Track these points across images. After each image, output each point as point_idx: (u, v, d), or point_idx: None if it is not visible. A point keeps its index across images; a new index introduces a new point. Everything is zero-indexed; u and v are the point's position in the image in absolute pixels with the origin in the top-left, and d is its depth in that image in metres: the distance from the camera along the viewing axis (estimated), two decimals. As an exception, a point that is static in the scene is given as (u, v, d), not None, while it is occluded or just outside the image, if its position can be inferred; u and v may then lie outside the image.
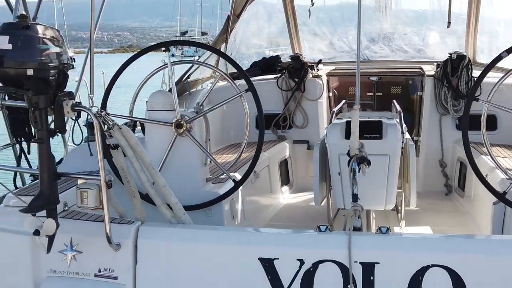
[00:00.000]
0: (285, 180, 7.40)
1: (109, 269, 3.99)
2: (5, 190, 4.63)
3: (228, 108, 5.36)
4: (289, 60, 8.26)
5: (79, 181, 4.02)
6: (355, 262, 3.69)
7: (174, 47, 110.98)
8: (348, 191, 5.19)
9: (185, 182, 4.93)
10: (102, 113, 3.87)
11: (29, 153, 5.24)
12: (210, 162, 5.32)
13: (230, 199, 5.22)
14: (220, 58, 7.64)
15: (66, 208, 4.31)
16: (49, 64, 3.56)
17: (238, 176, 5.32)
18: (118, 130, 3.95)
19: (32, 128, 5.18)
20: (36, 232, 3.73)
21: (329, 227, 3.93)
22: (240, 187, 5.18)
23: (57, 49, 3.63)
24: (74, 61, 3.89)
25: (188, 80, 7.26)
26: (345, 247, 3.72)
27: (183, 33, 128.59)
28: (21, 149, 5.16)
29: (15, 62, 3.47)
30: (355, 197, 4.15)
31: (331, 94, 8.00)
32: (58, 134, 3.80)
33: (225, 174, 5.23)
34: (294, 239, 3.97)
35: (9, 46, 3.45)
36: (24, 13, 3.67)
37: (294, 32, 8.50)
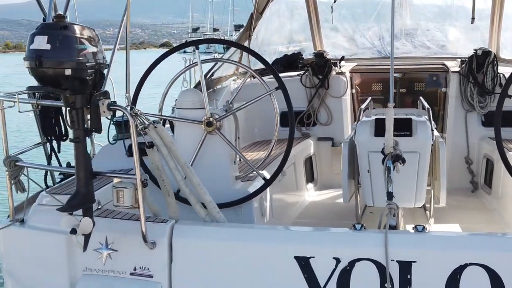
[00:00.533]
0: (310, 177, 7.40)
1: (145, 267, 4.01)
2: (32, 188, 4.65)
3: (252, 105, 5.38)
4: (311, 57, 8.25)
5: (115, 180, 4.04)
6: (391, 260, 3.69)
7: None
8: (377, 188, 5.18)
9: (215, 180, 4.93)
10: (138, 112, 3.89)
11: (59, 151, 5.26)
12: (240, 160, 5.32)
13: (260, 197, 5.23)
14: (243, 55, 7.66)
15: (100, 207, 4.32)
16: (87, 64, 3.59)
17: (266, 173, 5.32)
18: (154, 129, 3.96)
19: (62, 127, 5.22)
20: (73, 231, 3.76)
21: (364, 225, 3.92)
22: None
23: (94, 49, 3.65)
24: None
25: (212, 77, 7.26)
26: (381, 245, 3.71)
27: (195, 30, 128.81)
28: (52, 148, 5.18)
29: (53, 62, 3.49)
30: (390, 196, 4.13)
31: (354, 91, 7.98)
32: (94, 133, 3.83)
33: (253, 172, 5.24)
34: (330, 237, 3.97)
35: (48, 46, 3.47)
36: (62, 13, 3.67)
37: (316, 29, 8.47)
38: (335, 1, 8.09)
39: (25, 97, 4.44)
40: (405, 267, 3.68)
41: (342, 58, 8.11)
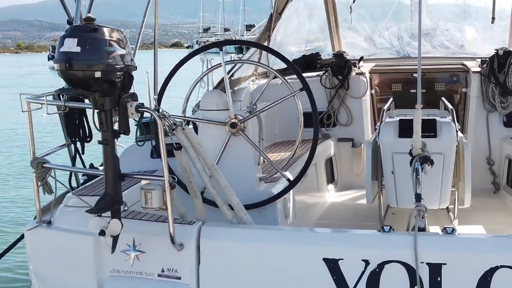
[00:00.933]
0: (330, 178, 7.38)
1: (173, 269, 4.01)
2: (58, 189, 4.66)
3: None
4: (329, 57, 8.24)
5: (143, 182, 4.04)
6: (421, 263, 3.67)
7: (197, 44, 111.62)
8: (401, 189, 5.17)
9: (239, 181, 4.91)
10: (166, 114, 3.89)
11: (83, 153, 5.27)
12: (264, 161, 5.31)
13: (283, 198, 5.22)
14: (262, 55, 7.66)
15: (126, 208, 4.33)
16: (116, 66, 3.59)
17: (288, 175, 5.31)
18: (181, 131, 3.97)
19: (86, 128, 5.24)
20: (102, 233, 3.75)
21: (392, 227, 3.91)
22: None
23: (123, 51, 3.66)
24: None
25: (232, 78, 7.25)
26: (411, 247, 3.69)
27: (206, 30, 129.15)
28: (76, 149, 5.19)
29: (83, 65, 3.50)
30: (418, 197, 4.11)
31: (373, 91, 7.95)
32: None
33: (276, 173, 5.23)
34: (358, 239, 3.95)
35: (78, 49, 3.48)
36: (90, 15, 3.67)
37: (335, 29, 8.45)
38: (354, 1, 8.07)
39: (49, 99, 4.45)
40: (435, 269, 3.66)
41: (361, 59, 8.07)
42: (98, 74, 3.52)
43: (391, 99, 6.45)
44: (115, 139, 3.82)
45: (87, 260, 4.18)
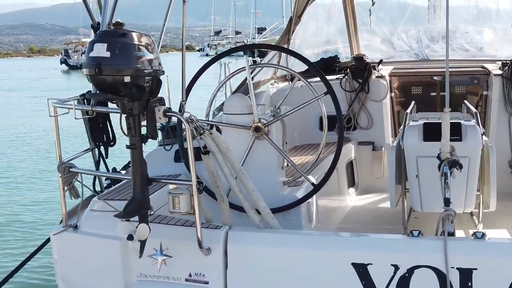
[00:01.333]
0: (351, 182, 7.35)
1: (200, 273, 4.00)
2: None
3: None
4: (348, 60, 8.21)
5: (170, 186, 4.04)
6: (451, 267, 3.64)
7: (208, 47, 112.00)
8: (426, 193, 5.15)
9: (263, 185, 4.89)
10: (194, 119, 3.89)
11: (106, 157, 5.28)
12: (287, 165, 5.29)
13: (307, 202, 5.20)
14: (281, 59, 7.66)
15: (152, 213, 4.32)
16: (145, 71, 3.59)
17: (312, 178, 5.29)
18: (209, 135, 3.96)
19: (110, 133, 5.26)
20: (130, 237, 3.75)
21: (421, 232, 3.88)
22: None
23: (151, 56, 3.66)
24: None
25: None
26: (440, 252, 3.66)
27: (217, 33, 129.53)
28: (100, 154, 5.21)
29: (113, 70, 3.51)
30: (447, 202, 4.08)
31: (393, 94, 7.91)
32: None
33: (300, 177, 5.22)
34: (387, 244, 3.92)
35: (107, 54, 3.49)
36: (119, 20, 3.67)
37: (354, 33, 8.43)
38: (373, 4, 8.05)
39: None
40: (466, 274, 3.63)
41: (381, 62, 8.04)
42: (127, 79, 3.53)
43: (413, 102, 6.40)
44: (143, 144, 3.83)
45: (114, 264, 4.18)
